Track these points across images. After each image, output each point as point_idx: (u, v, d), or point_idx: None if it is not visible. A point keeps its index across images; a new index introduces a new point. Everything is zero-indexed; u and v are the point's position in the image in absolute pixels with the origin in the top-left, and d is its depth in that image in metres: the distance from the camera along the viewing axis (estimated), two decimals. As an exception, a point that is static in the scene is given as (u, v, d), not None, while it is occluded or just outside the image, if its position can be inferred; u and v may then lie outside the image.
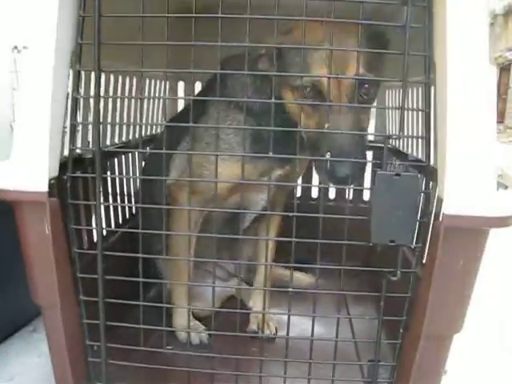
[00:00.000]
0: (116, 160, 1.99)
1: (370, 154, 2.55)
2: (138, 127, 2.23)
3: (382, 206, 1.14)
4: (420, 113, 1.34)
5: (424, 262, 1.24)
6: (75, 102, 1.25)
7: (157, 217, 1.34)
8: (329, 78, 1.20)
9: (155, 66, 1.37)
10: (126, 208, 1.88)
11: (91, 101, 1.79)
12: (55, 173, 1.25)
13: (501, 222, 1.13)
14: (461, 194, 1.11)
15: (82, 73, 1.70)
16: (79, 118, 1.53)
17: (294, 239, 1.23)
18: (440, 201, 1.14)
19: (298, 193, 2.60)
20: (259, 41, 1.35)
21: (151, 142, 2.29)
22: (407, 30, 1.10)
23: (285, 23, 1.30)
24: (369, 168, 1.31)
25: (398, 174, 1.13)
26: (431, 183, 1.23)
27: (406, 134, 1.86)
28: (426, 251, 1.23)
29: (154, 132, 2.45)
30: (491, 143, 1.14)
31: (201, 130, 1.58)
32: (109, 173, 1.91)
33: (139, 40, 1.16)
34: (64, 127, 1.26)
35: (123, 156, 2.03)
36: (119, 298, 1.31)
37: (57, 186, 1.25)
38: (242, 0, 1.12)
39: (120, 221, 1.99)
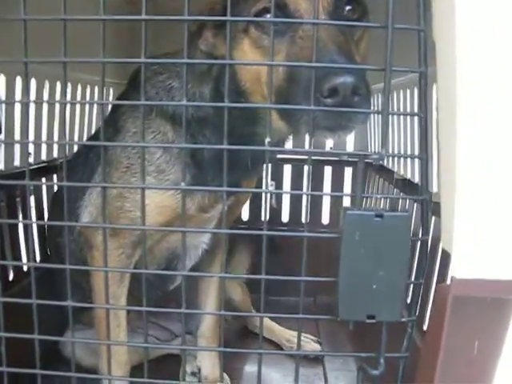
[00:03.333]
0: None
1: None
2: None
3: (356, 262, 0.73)
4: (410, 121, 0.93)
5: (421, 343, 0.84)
6: None
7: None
8: None
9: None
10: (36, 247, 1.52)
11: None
12: None
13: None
14: (477, 248, 0.70)
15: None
16: None
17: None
18: (446, 256, 0.75)
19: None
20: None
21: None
22: (390, -11, 0.70)
23: None
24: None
25: (379, 215, 0.73)
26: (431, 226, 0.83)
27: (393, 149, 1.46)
28: (425, 328, 0.83)
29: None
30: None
31: (117, 152, 1.20)
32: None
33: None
34: None
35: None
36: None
37: None
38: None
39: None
